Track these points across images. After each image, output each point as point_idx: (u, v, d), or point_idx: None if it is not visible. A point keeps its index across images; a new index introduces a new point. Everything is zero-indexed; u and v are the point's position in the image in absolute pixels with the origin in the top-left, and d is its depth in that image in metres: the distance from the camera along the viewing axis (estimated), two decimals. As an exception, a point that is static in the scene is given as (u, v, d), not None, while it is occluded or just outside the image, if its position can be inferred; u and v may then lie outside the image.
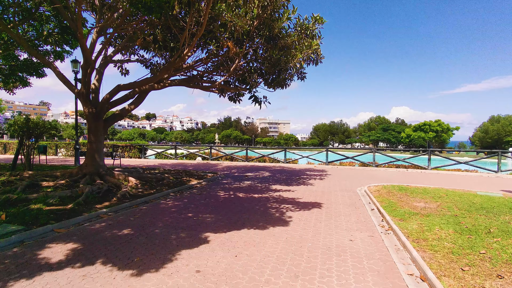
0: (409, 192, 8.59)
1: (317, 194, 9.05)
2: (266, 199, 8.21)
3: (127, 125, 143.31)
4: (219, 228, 5.45)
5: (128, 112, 9.93)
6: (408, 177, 13.49)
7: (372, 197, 8.07)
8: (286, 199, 8.24)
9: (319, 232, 5.28)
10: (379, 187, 9.89)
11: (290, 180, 12.08)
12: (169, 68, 7.74)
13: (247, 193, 9.14)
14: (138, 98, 10.16)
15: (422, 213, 6.10)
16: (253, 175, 13.63)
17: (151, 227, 5.44)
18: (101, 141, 9.27)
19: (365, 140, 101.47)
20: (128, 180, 9.58)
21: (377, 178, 12.97)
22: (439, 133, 79.23)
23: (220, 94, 12.71)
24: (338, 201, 8.03)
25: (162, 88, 9.74)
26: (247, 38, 8.85)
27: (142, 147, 23.54)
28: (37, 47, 14.43)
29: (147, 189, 9.01)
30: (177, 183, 10.27)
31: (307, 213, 6.70)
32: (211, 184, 11.01)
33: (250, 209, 7.04)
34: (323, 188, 10.28)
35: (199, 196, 8.65)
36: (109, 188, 8.21)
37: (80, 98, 8.88)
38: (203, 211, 6.79)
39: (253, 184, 11.08)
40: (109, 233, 5.09)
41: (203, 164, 18.94)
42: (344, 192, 9.46)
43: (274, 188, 10.21)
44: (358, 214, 6.66)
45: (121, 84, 8.87)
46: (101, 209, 6.43)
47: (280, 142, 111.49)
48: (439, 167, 16.56)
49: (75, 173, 9.14)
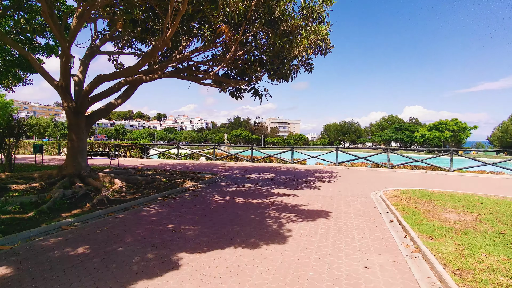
0: (434, 199, 7.29)
1: (325, 200, 7.86)
2: (265, 206, 7.08)
3: (138, 125, 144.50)
4: (199, 246, 4.36)
5: (114, 107, 8.99)
6: (428, 180, 12.09)
7: (390, 204, 6.82)
8: (288, 206, 7.08)
9: (325, 254, 4.12)
10: (397, 192, 8.61)
11: (295, 183, 10.91)
12: (152, 54, 6.73)
13: (245, 198, 8.03)
14: (127, 91, 9.20)
15: (457, 229, 4.84)
16: (255, 177, 12.52)
17: (116, 244, 4.40)
18: (83, 139, 8.34)
19: (377, 140, 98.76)
20: (114, 183, 8.62)
21: (393, 181, 11.64)
22: (456, 133, 76.07)
23: (219, 89, 11.67)
24: (349, 209, 6.83)
25: (151, 80, 8.74)
26: (244, 21, 7.75)
27: (144, 146, 22.76)
28: (31, 40, 13.78)
29: (133, 192, 8.03)
30: (169, 186, 9.27)
31: (311, 225, 5.54)
32: (207, 187, 9.96)
33: (244, 218, 5.93)
34: (332, 192, 9.07)
35: (190, 201, 7.59)
36: (87, 192, 7.25)
37: (59, 91, 7.97)
38: (187, 221, 5.73)
39: (254, 187, 9.96)
40: (60, 252, 4.07)
41: (206, 165, 17.95)
42: (356, 198, 8.23)
43: (277, 192, 9.06)
44: (374, 227, 5.45)
45: (101, 75, 7.91)
46: (66, 218, 5.45)
47: (290, 142, 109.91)
48: (462, 169, 15.01)
49: (55, 174, 8.25)
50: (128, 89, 9.15)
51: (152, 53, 6.68)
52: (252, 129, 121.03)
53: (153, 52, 6.64)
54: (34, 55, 14.73)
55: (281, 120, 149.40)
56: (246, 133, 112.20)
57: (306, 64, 11.51)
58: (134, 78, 8.54)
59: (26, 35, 13.18)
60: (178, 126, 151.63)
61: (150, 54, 6.76)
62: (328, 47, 10.06)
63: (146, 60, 7.00)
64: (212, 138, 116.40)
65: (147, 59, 6.94)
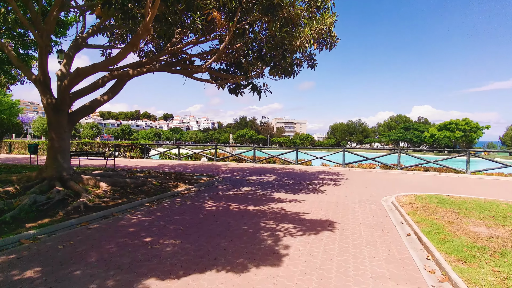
0: (455, 207, 6.37)
1: (330, 207, 7.00)
2: (262, 214, 6.27)
3: (144, 125, 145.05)
4: (173, 269, 3.57)
5: (101, 104, 8.28)
6: (443, 184, 11.10)
7: (405, 213, 5.94)
8: (288, 215, 6.25)
9: (328, 283, 3.28)
10: (411, 197, 7.70)
11: (298, 186, 10.06)
12: (134, 43, 5.98)
13: (241, 204, 7.23)
14: (114, 87, 8.49)
15: (493, 248, 3.96)
16: (256, 179, 11.71)
17: (75, 265, 3.64)
18: (64, 138, 7.65)
19: (385, 140, 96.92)
20: (99, 186, 7.93)
21: (405, 184, 10.69)
22: (467, 133, 73.96)
23: (217, 85, 10.92)
24: (357, 219, 5.97)
25: (140, 74, 8.01)
26: (239, 7, 6.95)
27: (144, 147, 22.15)
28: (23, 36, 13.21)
29: (118, 197, 7.30)
30: (160, 189, 8.53)
31: (312, 240, 4.71)
32: (202, 190, 9.19)
33: (235, 230, 5.13)
34: (338, 197, 8.20)
35: (179, 208, 6.83)
36: (64, 198, 6.55)
37: (37, 85, 7.30)
38: (170, 232, 4.95)
39: (253, 191, 9.16)
40: (3, 276, 3.33)
41: (206, 166, 17.22)
42: (365, 204, 7.36)
43: (277, 197, 8.24)
44: (388, 243, 4.59)
45: (80, 67, 7.20)
46: (29, 230, 4.72)
47: (296, 142, 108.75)
48: (480, 171, 13.93)
49: (34, 177, 7.58)
50: (115, 85, 8.44)
51: (133, 41, 5.93)
52: (258, 129, 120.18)
53: (135, 40, 5.90)
54: (27, 52, 14.19)
55: (287, 120, 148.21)
56: (252, 133, 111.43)
57: (310, 60, 10.70)
58: (120, 72, 7.82)
59: (18, 31, 12.62)
60: (185, 126, 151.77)
61: (132, 43, 6.01)
62: (333, 40, 9.22)
63: (128, 49, 6.26)
64: (217, 138, 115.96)
65: (129, 47, 6.20)
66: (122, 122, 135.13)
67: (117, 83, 8.48)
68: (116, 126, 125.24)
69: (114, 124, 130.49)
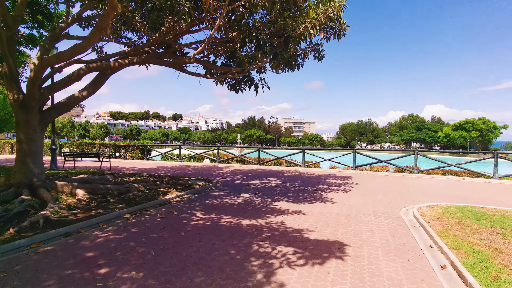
0: (497, 224, 5.14)
1: (339, 222, 5.86)
2: (256, 231, 5.19)
3: (154, 125, 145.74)
4: (116, 326, 2.53)
5: (79, 100, 7.35)
6: (470, 191, 9.77)
7: (434, 234, 4.75)
8: (288, 233, 5.15)
9: None
10: (438, 210, 6.48)
11: (303, 193, 8.92)
12: (102, 26, 4.97)
13: (235, 217, 6.17)
14: (95, 82, 7.55)
15: None
16: (258, 184, 10.62)
17: (-16, 316, 2.64)
18: (35, 140, 6.74)
19: (397, 140, 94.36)
20: (75, 194, 7.00)
21: (425, 191, 9.42)
22: (484, 132, 71.03)
23: (215, 80, 9.92)
24: (373, 240, 4.81)
25: (121, 66, 7.04)
26: (231, -16, 5.89)
27: (145, 147, 21.34)
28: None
29: (93, 208, 6.34)
30: (146, 197, 7.55)
31: (316, 273, 3.59)
32: (195, 198, 8.17)
33: (218, 256, 4.06)
34: (349, 208, 7.04)
35: (160, 221, 5.81)
36: (26, 210, 5.61)
37: (3, 79, 6.40)
38: (135, 259, 3.92)
39: (252, 199, 8.08)
40: None
41: (208, 168, 16.24)
42: (382, 218, 6.18)
43: (278, 207, 7.14)
44: (418, 281, 3.43)
45: (44, 57, 6.25)
46: (-41, 255, 3.77)
47: (305, 142, 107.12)
48: (509, 176, 12.45)
49: (2, 183, 6.69)
50: (96, 79, 7.49)
51: (100, 23, 4.94)
52: (266, 129, 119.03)
53: (102, 22, 4.91)
54: (18, 48, 13.49)
55: (296, 120, 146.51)
56: (260, 133, 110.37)
57: (316, 51, 9.56)
58: (99, 64, 6.86)
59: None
60: (193, 126, 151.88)
61: (99, 26, 5.03)
62: (342, 27, 8.09)
63: (96, 34, 5.27)
64: (225, 138, 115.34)
65: (96, 32, 5.21)
66: (132, 122, 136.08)
67: (98, 77, 7.54)
68: (125, 127, 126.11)
69: (124, 125, 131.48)
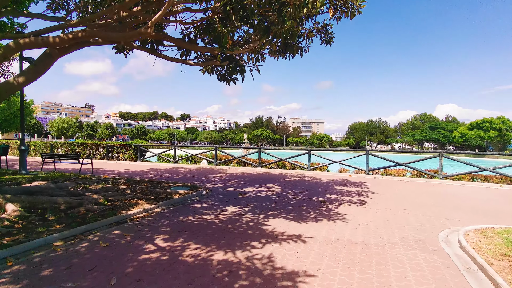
0: None
1: (354, 258, 4.03)
2: (229, 275, 3.41)
3: (162, 125, 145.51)
4: None
5: (14, 89, 5.73)
6: (517, 203, 7.76)
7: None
8: (276, 279, 3.35)
9: None
10: (495, 237, 4.57)
11: (306, 205, 7.10)
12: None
13: (207, 246, 4.41)
14: (37, 65, 5.91)
15: None
16: (252, 192, 8.85)
17: None
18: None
19: (408, 140, 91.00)
20: (5, 209, 5.37)
21: (461, 204, 7.46)
22: (503, 132, 67.40)
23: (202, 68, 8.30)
24: (412, 300, 2.97)
25: (62, 43, 5.37)
26: None
27: (138, 148, 19.80)
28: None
29: (13, 231, 4.69)
30: (102, 212, 5.86)
31: None
32: (166, 212, 6.45)
33: None
34: (366, 231, 5.19)
35: (96, 253, 4.09)
36: None
37: None
38: None
39: (239, 214, 6.32)
40: None
41: (202, 171, 14.55)
42: (416, 251, 4.32)
43: (271, 228, 5.35)
44: None
45: None
46: None
47: (313, 142, 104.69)
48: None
49: None
50: (38, 62, 5.85)
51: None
52: (274, 129, 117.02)
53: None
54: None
55: (304, 120, 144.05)
56: (267, 133, 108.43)
57: (324, 33, 7.81)
58: (33, 40, 5.22)
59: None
60: (201, 127, 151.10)
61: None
62: (356, 3, 6.31)
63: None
64: (232, 138, 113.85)
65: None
66: (140, 123, 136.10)
67: (41, 60, 5.89)
68: (133, 127, 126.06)
69: (133, 125, 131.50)
